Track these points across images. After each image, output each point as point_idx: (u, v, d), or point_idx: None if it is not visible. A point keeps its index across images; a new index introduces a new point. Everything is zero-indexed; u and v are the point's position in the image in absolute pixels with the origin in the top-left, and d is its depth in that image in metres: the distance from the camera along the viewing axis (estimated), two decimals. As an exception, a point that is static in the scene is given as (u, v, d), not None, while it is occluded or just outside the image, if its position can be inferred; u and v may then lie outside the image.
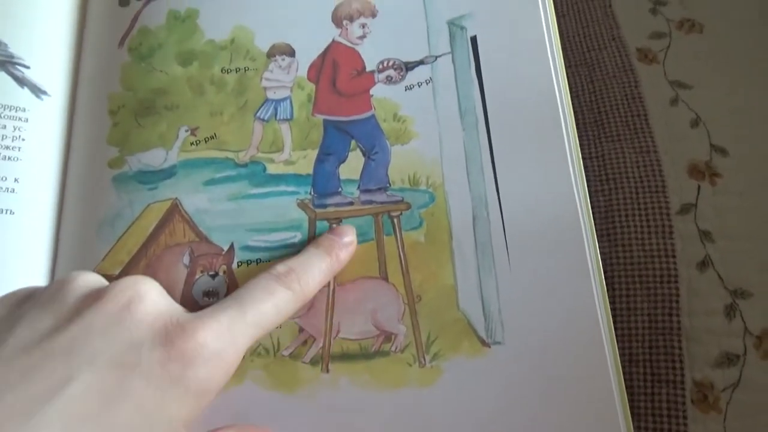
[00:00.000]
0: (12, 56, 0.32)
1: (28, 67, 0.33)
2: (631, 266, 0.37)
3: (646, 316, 0.36)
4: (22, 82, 0.32)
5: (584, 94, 0.45)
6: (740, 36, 0.45)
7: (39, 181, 0.31)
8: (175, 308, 0.23)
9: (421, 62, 0.33)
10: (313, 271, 0.27)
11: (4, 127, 0.31)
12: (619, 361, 0.27)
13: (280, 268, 0.26)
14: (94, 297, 0.21)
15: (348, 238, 0.29)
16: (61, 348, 0.20)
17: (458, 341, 0.28)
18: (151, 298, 0.22)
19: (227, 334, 0.22)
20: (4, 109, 0.31)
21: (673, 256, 0.37)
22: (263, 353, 0.29)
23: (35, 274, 0.30)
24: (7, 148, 0.31)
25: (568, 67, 0.46)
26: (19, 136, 0.31)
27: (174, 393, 0.20)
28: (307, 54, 0.33)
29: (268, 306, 0.24)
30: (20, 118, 0.31)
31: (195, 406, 0.21)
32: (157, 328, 0.21)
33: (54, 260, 0.31)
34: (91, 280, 0.23)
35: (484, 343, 0.28)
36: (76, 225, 0.31)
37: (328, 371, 0.28)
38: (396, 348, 0.28)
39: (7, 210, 0.30)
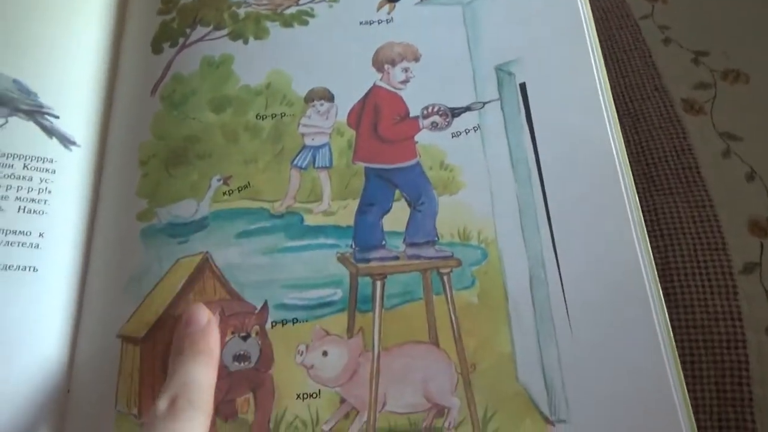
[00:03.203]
0: (41, 106, 0.31)
1: (57, 117, 0.31)
2: (695, 329, 0.35)
3: (713, 385, 0.33)
4: (50, 132, 0.31)
5: (629, 145, 0.43)
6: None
7: (64, 236, 0.29)
8: None
9: (468, 108, 0.31)
10: (199, 385, 0.24)
11: (31, 179, 0.29)
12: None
13: (161, 405, 0.23)
14: None
15: (202, 319, 0.26)
16: None
17: (519, 419, 0.25)
18: None
19: None
20: (31, 161, 0.29)
21: (740, 319, 0.35)
22: (300, 427, 0.26)
23: (56, 335, 0.28)
24: (33, 201, 0.29)
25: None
26: (46, 189, 0.29)
27: None
28: (347, 99, 0.31)
29: None
30: (48, 170, 0.30)
31: None
32: None
33: (77, 320, 0.28)
34: None
35: (547, 420, 0.25)
36: (102, 283, 0.29)
37: (372, 449, 0.26)
38: (450, 424, 0.25)
39: (29, 267, 0.28)
